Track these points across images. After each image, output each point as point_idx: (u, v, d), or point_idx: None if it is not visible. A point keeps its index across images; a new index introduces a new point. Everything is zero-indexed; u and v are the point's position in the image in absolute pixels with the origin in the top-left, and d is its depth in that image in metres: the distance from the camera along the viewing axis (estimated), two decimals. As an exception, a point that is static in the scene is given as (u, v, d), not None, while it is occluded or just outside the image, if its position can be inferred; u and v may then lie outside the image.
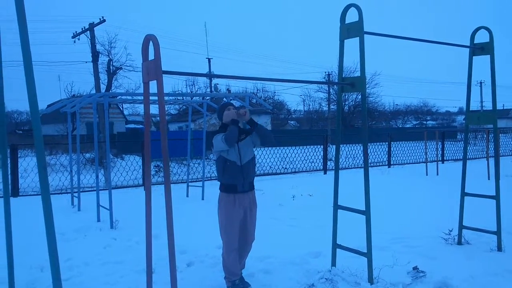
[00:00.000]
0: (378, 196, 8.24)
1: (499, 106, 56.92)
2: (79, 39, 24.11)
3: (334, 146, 5.30)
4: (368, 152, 4.82)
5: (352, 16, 4.67)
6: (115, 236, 6.85)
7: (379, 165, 18.40)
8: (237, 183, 4.57)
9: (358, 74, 4.72)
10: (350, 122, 48.74)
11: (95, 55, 22.99)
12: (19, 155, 12.37)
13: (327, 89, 46.23)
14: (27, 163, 13.08)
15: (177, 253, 4.54)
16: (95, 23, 22.83)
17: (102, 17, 22.65)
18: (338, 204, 5.01)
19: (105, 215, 7.96)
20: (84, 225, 7.60)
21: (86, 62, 24.77)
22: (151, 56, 3.60)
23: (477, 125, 8.62)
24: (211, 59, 40.02)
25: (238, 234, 4.67)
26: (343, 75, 5.07)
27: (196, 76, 41.61)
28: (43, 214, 3.03)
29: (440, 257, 5.47)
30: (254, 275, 4.98)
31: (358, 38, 4.60)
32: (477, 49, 5.96)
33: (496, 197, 5.85)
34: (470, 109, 6.26)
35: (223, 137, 4.43)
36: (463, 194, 6.16)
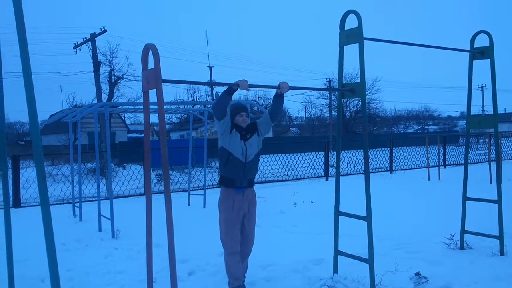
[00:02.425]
0: (380, 202, 8.22)
1: (500, 110, 56.93)
2: (80, 50, 24.25)
3: (335, 152, 5.29)
4: (370, 157, 4.82)
5: (351, 23, 4.69)
6: (117, 246, 6.83)
7: (381, 171, 18.37)
8: (236, 178, 4.58)
9: (358, 80, 4.72)
10: (352, 128, 48.73)
11: (97, 65, 23.10)
12: (21, 166, 12.40)
13: (328, 96, 46.36)
14: (29, 174, 13.09)
15: (179, 262, 4.53)
16: (96, 33, 22.96)
17: (103, 27, 22.80)
18: (340, 210, 5.00)
19: (106, 225, 7.94)
20: (85, 235, 7.59)
21: (87, 72, 24.89)
22: (151, 65, 3.62)
23: (478, 129, 8.62)
24: (212, 67, 40.16)
25: (239, 237, 4.67)
26: (344, 82, 5.08)
27: (196, 85, 41.73)
28: (43, 224, 3.03)
29: (442, 262, 5.44)
30: (256, 283, 4.96)
31: (357, 44, 4.62)
32: (477, 54, 5.97)
33: (498, 201, 5.83)
34: (472, 114, 6.26)
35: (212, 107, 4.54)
36: (465, 198, 6.14)
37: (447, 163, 19.81)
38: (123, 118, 45.89)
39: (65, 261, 5.60)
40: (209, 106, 11.78)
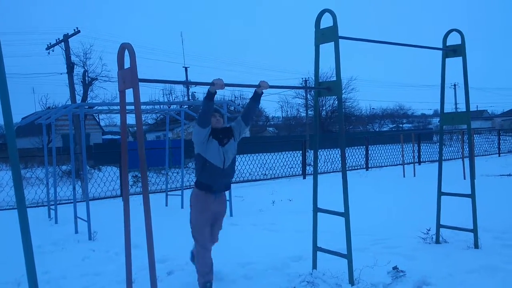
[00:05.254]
0: (357, 198, 8.30)
1: (473, 108, 58.09)
2: (53, 51, 23.79)
3: (312, 151, 5.34)
4: (346, 155, 4.87)
5: (327, 21, 4.73)
6: (94, 248, 6.74)
7: (357, 169, 18.58)
8: (213, 184, 4.59)
9: (334, 79, 4.77)
10: (328, 127, 49.09)
11: (70, 66, 22.70)
12: (-7, 169, 12.16)
13: (304, 95, 46.59)
14: (2, 177, 12.84)
15: (157, 262, 4.50)
16: (69, 34, 22.58)
17: (77, 28, 22.42)
18: (318, 207, 5.04)
19: (83, 227, 7.83)
20: (62, 237, 7.47)
21: (61, 73, 24.51)
22: (126, 65, 3.59)
23: (452, 125, 8.80)
24: (188, 68, 40.03)
25: (209, 235, 4.73)
26: (320, 81, 5.12)
27: (173, 84, 41.47)
28: (19, 227, 2.98)
29: (419, 256, 5.53)
30: (236, 281, 4.96)
31: (333, 43, 4.66)
32: (449, 52, 6.08)
33: (472, 196, 5.95)
34: (445, 111, 6.37)
35: (196, 119, 4.49)
36: (440, 193, 6.25)
37: (421, 160, 20.13)
38: (98, 119, 45.33)
39: (41, 264, 5.49)
40: (185, 106, 11.74)
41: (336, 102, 5.19)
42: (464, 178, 12.71)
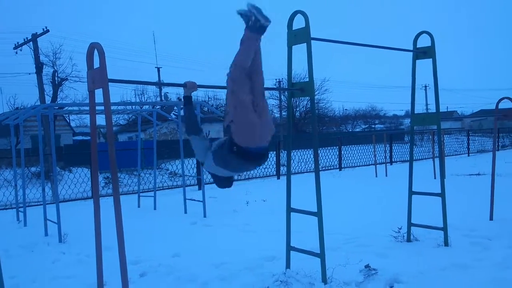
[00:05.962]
0: (330, 198, 8.37)
1: (443, 109, 59.15)
2: (21, 50, 23.28)
3: (286, 152, 5.36)
4: (320, 156, 4.90)
5: (299, 23, 4.75)
6: (64, 250, 6.61)
7: (331, 169, 18.73)
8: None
9: (307, 80, 4.79)
10: (302, 127, 49.33)
11: (39, 66, 22.25)
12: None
13: (278, 96, 46.74)
14: (-32, 179, 12.49)
15: (130, 264, 4.45)
16: (38, 33, 22.14)
17: (46, 27, 22.00)
18: (291, 207, 5.06)
19: (53, 229, 7.67)
20: (31, 240, 7.30)
21: (29, 73, 24.01)
22: (96, 65, 3.53)
23: (422, 126, 8.94)
24: (160, 68, 39.71)
25: None
26: (293, 81, 5.14)
27: (144, 85, 41.03)
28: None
29: (390, 254, 5.60)
30: (209, 282, 4.94)
31: (305, 44, 4.68)
32: (420, 53, 6.18)
33: (442, 195, 6.06)
34: (416, 112, 6.48)
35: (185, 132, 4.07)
36: (411, 193, 6.35)
37: (393, 160, 20.44)
38: (68, 120, 44.52)
39: (9, 268, 5.34)
40: (158, 107, 11.63)
41: (309, 103, 5.21)
42: (435, 178, 12.95)
